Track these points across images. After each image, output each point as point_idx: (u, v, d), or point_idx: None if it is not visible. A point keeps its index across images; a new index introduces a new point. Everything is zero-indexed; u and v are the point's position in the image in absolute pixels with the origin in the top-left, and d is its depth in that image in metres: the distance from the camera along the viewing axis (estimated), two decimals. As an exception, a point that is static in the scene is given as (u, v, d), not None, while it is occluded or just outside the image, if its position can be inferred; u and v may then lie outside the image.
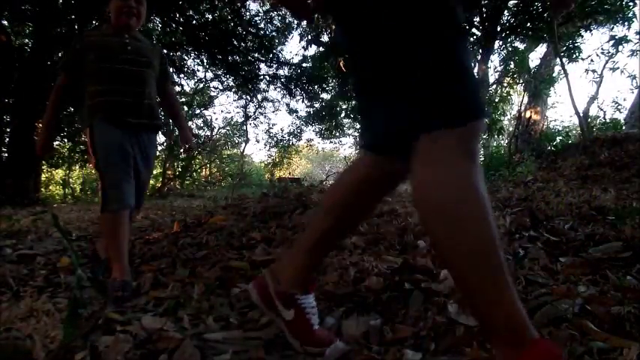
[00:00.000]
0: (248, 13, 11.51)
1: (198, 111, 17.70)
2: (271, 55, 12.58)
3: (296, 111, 15.48)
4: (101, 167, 1.90)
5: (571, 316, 1.10)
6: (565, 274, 1.49)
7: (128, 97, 1.97)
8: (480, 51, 8.63)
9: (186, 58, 11.73)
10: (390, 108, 0.83)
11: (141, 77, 2.04)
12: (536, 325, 1.07)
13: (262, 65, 12.94)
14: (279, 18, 11.86)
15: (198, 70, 13.64)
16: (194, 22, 9.99)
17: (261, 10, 11.82)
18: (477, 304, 0.82)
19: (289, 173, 20.95)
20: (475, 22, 8.48)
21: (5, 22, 7.80)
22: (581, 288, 1.29)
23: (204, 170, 18.40)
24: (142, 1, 2.07)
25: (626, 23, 7.64)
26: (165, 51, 10.75)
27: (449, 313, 1.22)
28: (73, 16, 7.92)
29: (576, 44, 8.25)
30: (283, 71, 13.27)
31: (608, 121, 10.35)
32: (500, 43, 9.29)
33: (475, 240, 0.78)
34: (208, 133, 20.32)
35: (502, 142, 14.12)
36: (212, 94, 17.91)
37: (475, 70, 9.72)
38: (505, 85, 11.41)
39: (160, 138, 15.84)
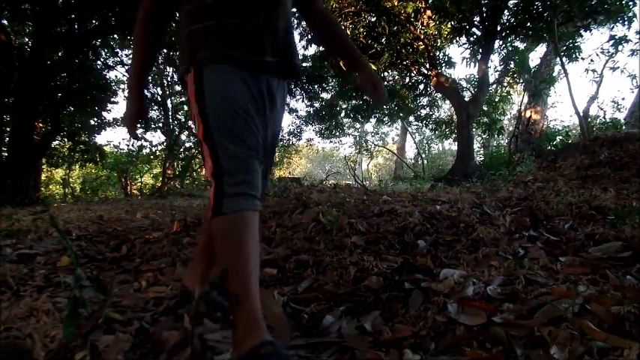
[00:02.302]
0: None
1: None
2: (271, 55, 12.56)
3: (296, 110, 15.46)
4: (214, 140, 1.12)
5: (571, 316, 1.10)
6: (565, 274, 1.49)
7: (254, 21, 1.21)
8: (480, 51, 8.63)
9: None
10: None
11: None
12: (536, 325, 1.08)
13: (262, 65, 12.92)
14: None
15: (198, 70, 13.55)
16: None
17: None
18: None
19: (289, 173, 20.94)
20: (475, 22, 8.48)
21: (5, 22, 7.80)
22: (581, 288, 1.29)
23: (204, 170, 18.40)
24: None
25: (626, 23, 7.64)
26: (165, 51, 10.84)
27: (449, 313, 1.22)
28: (73, 16, 7.92)
29: (576, 44, 8.27)
30: (283, 71, 13.24)
31: (608, 120, 10.34)
32: (500, 42, 9.29)
33: None
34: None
35: (502, 141, 14.16)
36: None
37: (475, 70, 9.72)
38: (505, 84, 11.44)
39: (160, 137, 15.74)
